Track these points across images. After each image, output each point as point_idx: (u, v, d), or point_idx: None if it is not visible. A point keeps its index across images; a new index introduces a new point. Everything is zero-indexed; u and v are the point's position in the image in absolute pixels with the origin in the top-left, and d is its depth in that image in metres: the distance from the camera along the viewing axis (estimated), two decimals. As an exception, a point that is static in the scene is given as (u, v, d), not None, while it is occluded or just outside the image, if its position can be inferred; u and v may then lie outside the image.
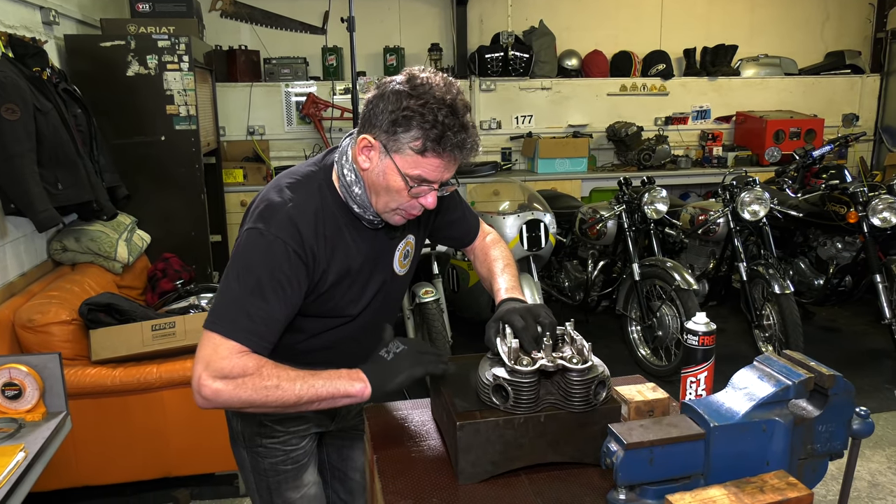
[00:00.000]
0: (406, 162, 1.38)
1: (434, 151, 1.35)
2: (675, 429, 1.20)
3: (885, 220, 3.94)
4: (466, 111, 1.38)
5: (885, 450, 3.32)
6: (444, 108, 1.34)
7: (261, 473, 1.70)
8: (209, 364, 1.32)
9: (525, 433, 1.34)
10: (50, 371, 1.71)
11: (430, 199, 1.44)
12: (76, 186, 3.19)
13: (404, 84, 1.37)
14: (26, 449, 1.59)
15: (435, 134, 1.34)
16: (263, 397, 1.32)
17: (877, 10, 7.14)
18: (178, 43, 3.89)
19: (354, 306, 1.57)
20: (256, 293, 1.36)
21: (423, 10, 6.46)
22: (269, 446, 1.66)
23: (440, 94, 1.35)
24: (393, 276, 1.63)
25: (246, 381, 1.31)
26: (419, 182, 1.40)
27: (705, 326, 1.49)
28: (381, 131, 1.38)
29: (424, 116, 1.33)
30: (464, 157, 1.39)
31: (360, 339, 1.63)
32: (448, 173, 1.41)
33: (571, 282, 4.86)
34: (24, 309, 2.79)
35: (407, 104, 1.34)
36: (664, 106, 6.77)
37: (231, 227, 5.39)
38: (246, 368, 1.32)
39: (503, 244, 1.81)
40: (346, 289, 1.53)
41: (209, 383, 1.31)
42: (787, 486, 1.13)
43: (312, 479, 1.75)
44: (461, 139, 1.35)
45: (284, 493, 1.69)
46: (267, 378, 1.32)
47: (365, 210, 1.49)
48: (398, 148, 1.37)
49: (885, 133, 7.10)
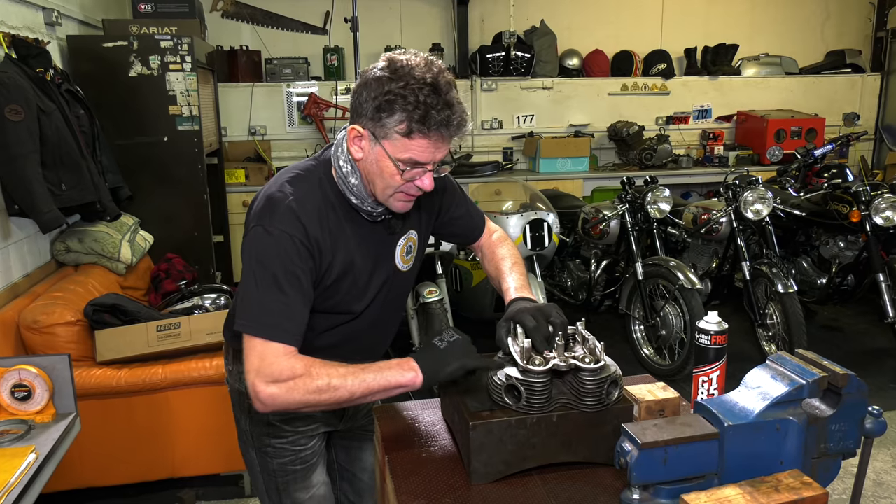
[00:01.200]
0: (395, 146, 1.38)
1: (420, 132, 1.35)
2: (690, 428, 1.20)
3: (888, 218, 3.94)
4: (450, 88, 1.37)
5: (890, 448, 3.32)
6: (425, 88, 1.33)
7: (270, 474, 1.70)
8: (259, 371, 1.34)
9: (537, 433, 1.34)
10: (59, 372, 1.71)
11: (427, 181, 1.43)
12: (80, 187, 3.19)
13: (385, 69, 1.37)
14: (37, 450, 1.58)
15: (419, 115, 1.33)
16: (317, 396, 1.34)
17: (877, 9, 7.14)
18: (181, 43, 3.88)
19: (359, 302, 1.57)
20: (275, 288, 1.37)
21: (424, 9, 6.46)
22: (278, 446, 1.66)
23: (420, 75, 1.35)
24: (396, 272, 1.63)
25: (297, 382, 1.33)
26: (412, 165, 1.40)
27: (717, 326, 1.49)
28: (368, 119, 1.39)
29: (406, 98, 1.33)
30: (451, 134, 1.38)
31: (367, 336, 1.64)
32: (440, 153, 1.41)
33: (574, 281, 4.87)
34: (29, 310, 2.79)
35: (388, 88, 1.34)
36: (665, 105, 6.77)
37: (233, 227, 5.39)
38: (294, 370, 1.34)
39: (510, 242, 1.81)
40: (351, 284, 1.53)
41: (263, 388, 1.33)
42: (802, 486, 1.13)
43: (321, 480, 1.74)
44: (445, 116, 1.35)
45: (294, 494, 1.69)
46: (317, 377, 1.34)
47: (363, 201, 1.50)
48: (385, 134, 1.38)
49: (886, 132, 7.10)
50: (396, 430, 1.57)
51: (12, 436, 1.66)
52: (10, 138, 2.85)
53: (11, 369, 1.68)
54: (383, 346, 1.77)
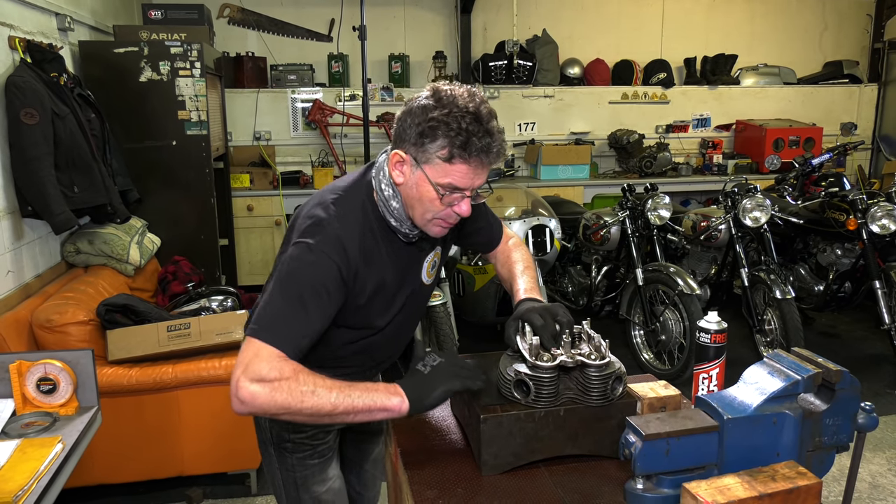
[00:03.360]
0: (436, 171, 1.43)
1: (461, 157, 1.40)
2: (691, 421, 1.26)
3: (884, 226, 4.01)
4: (491, 118, 1.43)
5: (886, 452, 3.38)
6: (467, 116, 1.39)
7: (288, 469, 1.73)
8: (248, 367, 1.33)
9: (545, 426, 1.40)
10: (83, 366, 1.76)
11: (465, 207, 1.48)
12: (91, 189, 3.25)
13: (429, 98, 1.43)
14: (63, 441, 1.64)
15: (460, 141, 1.39)
16: (299, 402, 1.32)
17: (874, 20, 7.24)
18: (191, 49, 3.95)
19: (383, 318, 1.61)
20: (298, 305, 1.40)
21: (428, 18, 6.54)
22: (297, 441, 1.70)
23: (463, 104, 1.40)
24: (420, 286, 1.69)
25: (282, 384, 1.31)
26: (451, 190, 1.44)
27: (717, 325, 1.55)
28: (410, 144, 1.44)
29: (449, 125, 1.38)
30: (490, 162, 1.43)
31: (384, 348, 1.70)
32: (478, 180, 1.45)
33: (575, 287, 4.92)
34: (42, 309, 2.84)
35: (432, 115, 1.40)
36: (665, 114, 6.85)
37: (238, 231, 5.46)
38: (283, 372, 1.33)
39: (524, 248, 1.88)
40: (379, 302, 1.58)
41: (246, 385, 1.31)
42: (798, 475, 1.19)
43: (336, 473, 1.79)
44: (486, 143, 1.40)
45: (311, 488, 1.74)
46: (303, 383, 1.33)
47: (401, 224, 1.54)
48: (427, 159, 1.42)
49: (883, 142, 7.18)
50: (408, 424, 1.63)
51: (38, 427, 1.71)
52: (25, 141, 2.91)
53: (37, 363, 1.74)
54: (395, 356, 1.82)
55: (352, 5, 3.84)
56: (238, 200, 5.47)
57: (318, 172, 5.71)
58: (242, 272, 5.54)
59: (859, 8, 7.28)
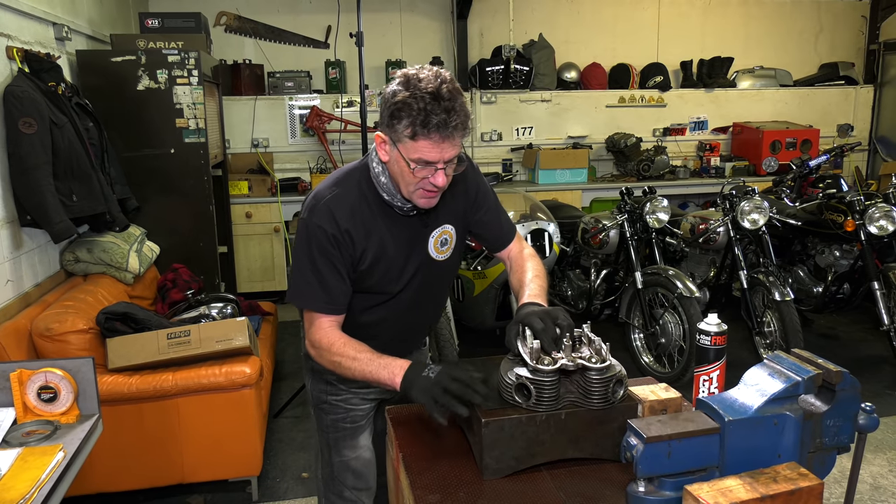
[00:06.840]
0: (406, 148, 1.57)
1: (422, 135, 1.53)
2: (692, 423, 1.26)
3: (882, 227, 4.01)
4: (452, 95, 1.53)
5: (887, 453, 3.38)
6: (427, 96, 1.51)
7: (324, 430, 1.97)
8: (308, 333, 1.73)
9: (547, 430, 1.40)
10: (83, 375, 1.76)
11: (440, 179, 1.60)
12: (90, 198, 3.26)
13: (398, 83, 1.57)
14: (65, 449, 1.64)
15: (420, 119, 1.52)
16: (332, 367, 1.69)
17: (869, 22, 7.27)
18: (188, 58, 3.96)
19: (395, 284, 1.79)
20: (314, 270, 1.68)
21: (425, 24, 6.56)
22: (333, 402, 1.93)
23: (424, 86, 1.52)
24: (430, 260, 1.82)
25: (322, 353, 1.69)
26: (423, 164, 1.58)
27: (717, 327, 1.56)
28: (385, 126, 1.60)
29: (411, 106, 1.52)
30: (449, 135, 1.54)
31: (407, 316, 1.87)
32: (447, 153, 1.57)
33: (574, 290, 4.93)
34: (42, 318, 2.84)
35: (398, 98, 1.54)
36: (662, 117, 6.87)
37: (237, 238, 5.45)
38: (328, 342, 1.67)
39: (538, 259, 1.93)
40: (385, 269, 1.76)
41: (308, 347, 1.74)
42: (799, 477, 1.19)
43: (367, 444, 1.96)
44: (442, 119, 1.52)
45: (342, 451, 1.93)
46: (336, 355, 1.66)
47: (392, 197, 1.71)
48: (398, 138, 1.57)
49: (880, 143, 7.21)
50: (409, 428, 1.63)
51: (39, 435, 1.71)
52: (23, 150, 2.92)
53: (38, 371, 1.74)
54: (423, 328, 2.07)
55: (348, 12, 3.84)
56: (236, 208, 5.48)
57: (317, 179, 5.72)
58: (241, 279, 5.54)
59: (854, 10, 7.31)
